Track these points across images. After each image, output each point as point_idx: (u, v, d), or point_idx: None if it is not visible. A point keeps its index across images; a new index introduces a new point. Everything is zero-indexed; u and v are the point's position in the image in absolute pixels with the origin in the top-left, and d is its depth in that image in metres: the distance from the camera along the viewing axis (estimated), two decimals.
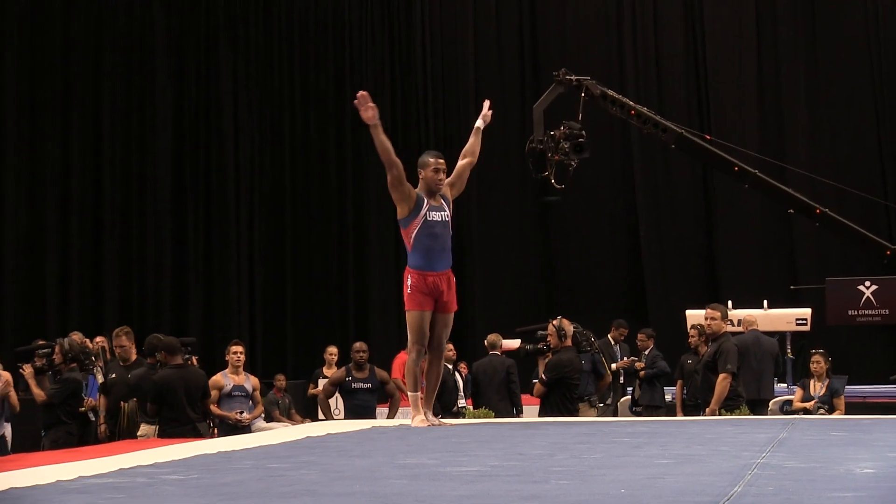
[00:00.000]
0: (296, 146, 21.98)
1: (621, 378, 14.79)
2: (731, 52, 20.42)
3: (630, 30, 20.76)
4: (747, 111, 20.21)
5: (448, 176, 8.53)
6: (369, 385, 12.73)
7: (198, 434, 10.60)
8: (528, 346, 12.53)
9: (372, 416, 12.42)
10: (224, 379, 12.25)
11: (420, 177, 8.37)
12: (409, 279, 8.26)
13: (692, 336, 13.29)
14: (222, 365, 12.59)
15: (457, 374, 14.05)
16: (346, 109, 21.74)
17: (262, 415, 13.57)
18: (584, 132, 13.91)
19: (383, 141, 8.23)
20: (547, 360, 11.72)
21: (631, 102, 14.90)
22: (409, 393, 8.37)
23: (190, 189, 21.55)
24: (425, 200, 8.26)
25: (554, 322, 11.66)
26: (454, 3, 21.76)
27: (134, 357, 11.64)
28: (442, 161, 8.40)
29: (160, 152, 21.39)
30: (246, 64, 21.99)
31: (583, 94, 14.39)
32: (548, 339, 11.81)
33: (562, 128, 13.96)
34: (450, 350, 13.92)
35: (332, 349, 15.19)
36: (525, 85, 21.10)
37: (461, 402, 13.48)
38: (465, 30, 21.52)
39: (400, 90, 21.78)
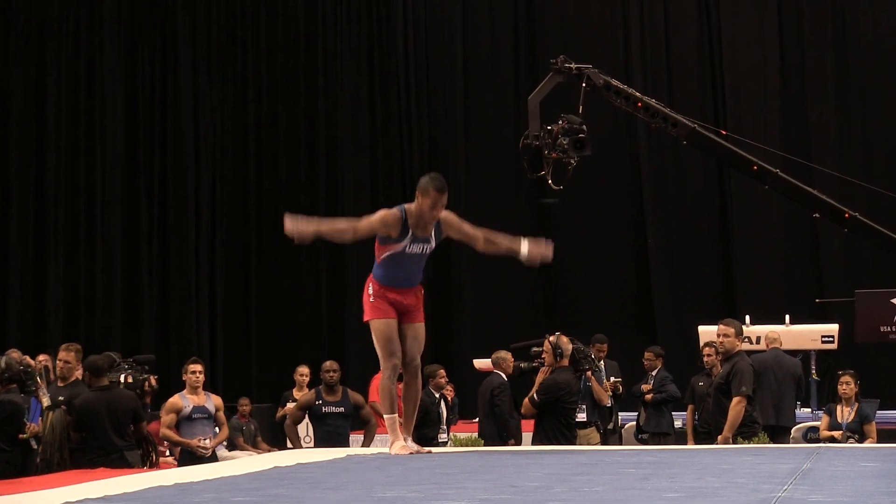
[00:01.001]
0: (262, 143, 21.95)
1: (609, 401, 14.79)
2: (750, 38, 20.45)
3: (637, 13, 20.79)
4: (768, 104, 20.24)
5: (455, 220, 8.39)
6: (342, 409, 12.71)
7: (126, 464, 10.58)
8: (522, 364, 12.52)
9: (345, 443, 12.41)
10: (182, 400, 12.23)
11: (416, 199, 8.12)
12: (370, 287, 8.32)
13: (707, 355, 13.30)
14: (178, 386, 12.57)
15: (442, 404, 14.03)
16: (319, 99, 21.77)
17: (226, 441, 13.56)
18: (584, 127, 13.92)
19: (329, 231, 8.38)
20: (542, 379, 11.68)
21: (638, 93, 14.92)
22: (385, 416, 8.35)
23: (144, 189, 21.53)
24: (410, 232, 8.15)
25: (550, 338, 11.64)
26: None
27: (74, 377, 11.59)
28: (445, 197, 8.13)
29: (110, 149, 21.35)
30: (207, 48, 21.97)
31: (584, 85, 14.40)
32: (543, 357, 11.79)
33: (560, 122, 13.96)
34: (442, 377, 13.95)
35: (303, 369, 15.16)
36: (519, 74, 21.11)
37: (443, 437, 13.46)
38: (452, 12, 21.52)
39: (379, 79, 21.77)
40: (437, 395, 13.94)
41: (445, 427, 13.91)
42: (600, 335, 15.18)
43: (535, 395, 11.44)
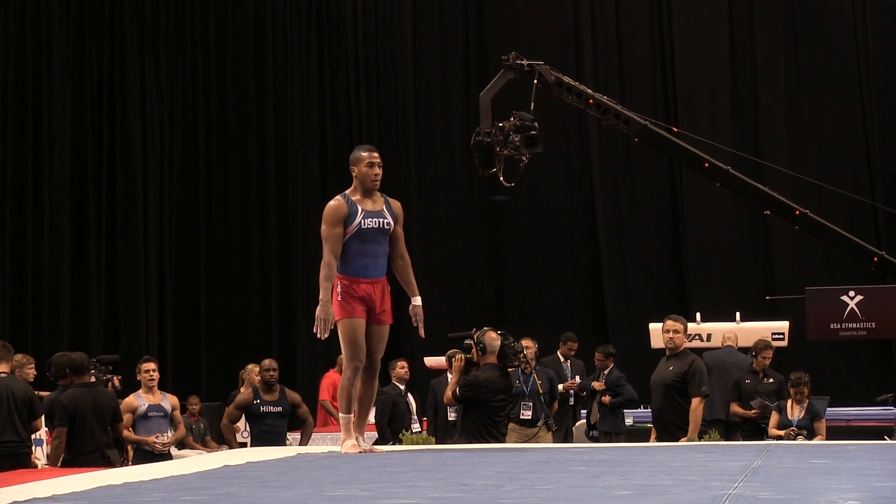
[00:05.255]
0: (211, 139, 21.85)
1: (570, 400, 14.84)
2: (702, 35, 20.53)
3: (588, 11, 20.82)
4: (719, 101, 20.34)
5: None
6: (280, 409, 12.73)
7: (107, 461, 10.62)
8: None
9: (282, 443, 12.46)
10: (137, 400, 12.27)
11: (353, 175, 8.35)
12: (338, 286, 8.26)
13: (765, 358, 13.60)
14: (132, 387, 12.58)
15: (409, 396, 14.05)
16: (269, 95, 21.71)
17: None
18: (536, 124, 13.95)
19: (329, 281, 8.21)
20: (467, 375, 11.58)
21: (589, 90, 14.96)
22: (340, 415, 8.38)
23: (92, 187, 21.36)
24: (359, 209, 8.24)
25: (476, 334, 11.54)
26: None
27: None
28: (377, 155, 8.37)
29: (57, 145, 21.17)
30: (154, 42, 21.84)
31: (535, 81, 14.43)
32: (472, 352, 11.67)
33: (512, 119, 13.98)
34: (402, 367, 14.01)
35: (253, 367, 15.14)
36: (470, 70, 21.11)
37: (416, 427, 13.47)
38: (402, 7, 21.50)
39: (329, 75, 21.71)
40: (403, 388, 13.99)
41: (416, 417, 13.93)
42: (570, 333, 15.26)
43: (457, 390, 11.39)
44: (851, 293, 15.77)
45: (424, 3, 21.62)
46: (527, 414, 12.73)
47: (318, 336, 8.16)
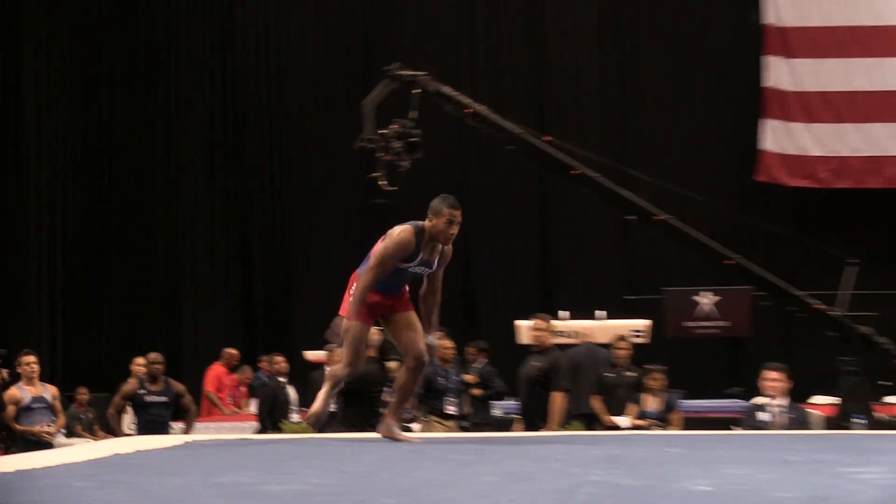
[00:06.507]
0: (103, 121, 21.45)
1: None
2: (574, 44, 20.75)
3: (468, 16, 20.98)
4: (589, 110, 20.58)
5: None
6: (165, 398, 12.79)
7: None
8: None
9: (166, 431, 12.45)
10: (20, 392, 12.20)
11: (428, 220, 7.85)
12: (353, 285, 7.95)
13: (623, 349, 13.68)
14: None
15: (288, 388, 14.08)
16: (160, 96, 21.48)
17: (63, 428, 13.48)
18: (417, 131, 13.98)
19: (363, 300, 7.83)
20: None
21: (467, 100, 15.01)
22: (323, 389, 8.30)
23: None
24: (419, 257, 7.83)
25: None
26: None
27: None
28: (459, 214, 7.86)
29: None
30: (55, 49, 21.51)
31: (414, 91, 14.44)
32: None
33: (394, 125, 14.00)
34: (279, 362, 14.02)
35: (141, 360, 15.02)
36: (353, 79, 21.05)
37: (295, 417, 13.51)
38: (288, 15, 21.43)
39: (219, 80, 21.53)
40: (283, 380, 14.04)
41: (295, 408, 13.94)
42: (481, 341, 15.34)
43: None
44: (704, 293, 16.09)
45: (313, 13, 21.54)
46: (451, 409, 12.88)
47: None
